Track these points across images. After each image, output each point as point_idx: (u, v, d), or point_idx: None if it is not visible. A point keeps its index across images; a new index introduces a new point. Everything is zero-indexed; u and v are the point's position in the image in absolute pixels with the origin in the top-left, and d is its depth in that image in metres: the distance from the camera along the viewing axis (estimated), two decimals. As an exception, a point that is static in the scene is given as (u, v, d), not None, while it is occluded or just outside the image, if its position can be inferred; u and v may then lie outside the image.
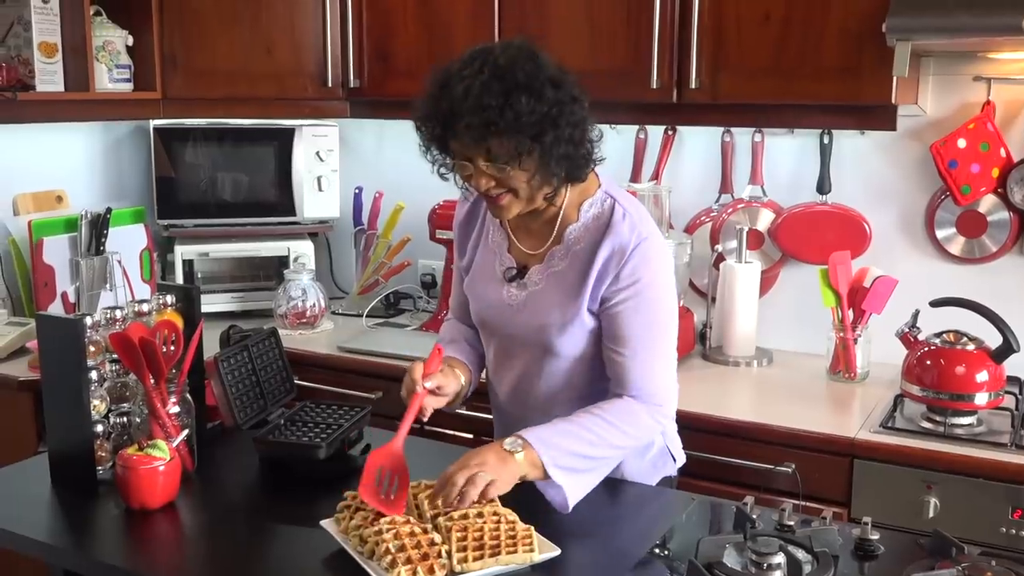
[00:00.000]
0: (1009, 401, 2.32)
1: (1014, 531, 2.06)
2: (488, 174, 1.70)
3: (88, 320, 1.82)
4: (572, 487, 1.69)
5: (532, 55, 1.68)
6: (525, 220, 1.84)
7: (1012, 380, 2.38)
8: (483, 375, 2.04)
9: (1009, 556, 1.55)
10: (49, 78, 2.77)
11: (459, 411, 2.03)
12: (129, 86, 2.99)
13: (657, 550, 1.62)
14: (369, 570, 1.47)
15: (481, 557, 1.48)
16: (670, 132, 2.92)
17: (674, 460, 2.00)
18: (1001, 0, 2.11)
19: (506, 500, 1.63)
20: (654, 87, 2.54)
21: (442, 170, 1.80)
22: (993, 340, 2.26)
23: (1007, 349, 2.23)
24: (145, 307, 1.92)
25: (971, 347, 2.27)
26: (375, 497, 1.61)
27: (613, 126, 2.90)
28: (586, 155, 1.75)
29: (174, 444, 1.78)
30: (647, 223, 1.80)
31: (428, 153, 1.78)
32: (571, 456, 1.69)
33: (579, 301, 1.79)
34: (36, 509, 1.78)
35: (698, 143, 2.93)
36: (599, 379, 1.84)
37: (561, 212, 1.82)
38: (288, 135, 3.20)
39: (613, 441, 1.74)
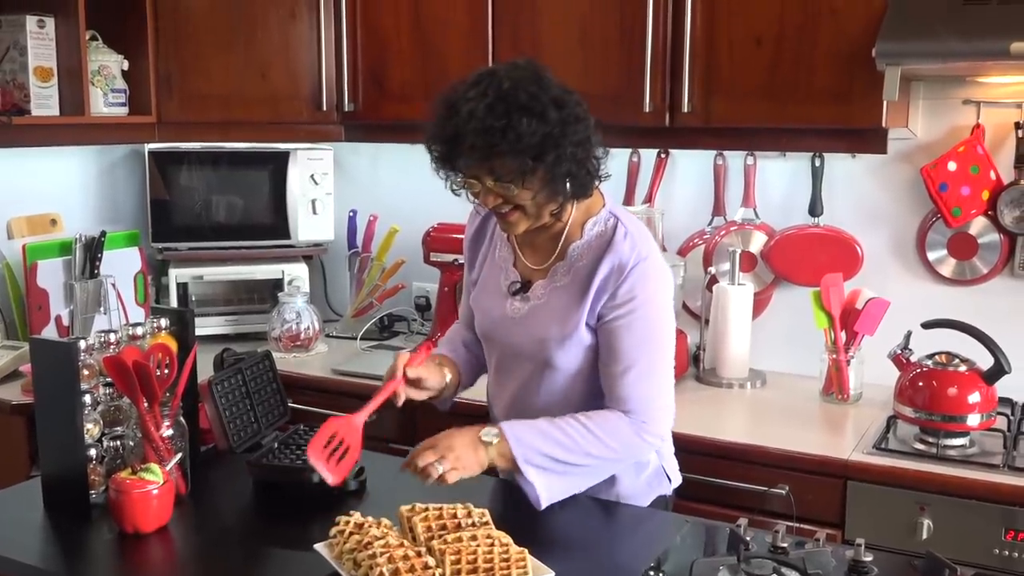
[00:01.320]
0: (1001, 422, 2.33)
1: (1007, 552, 2.06)
2: (495, 192, 1.75)
3: (82, 344, 1.82)
4: (544, 486, 1.76)
5: (536, 77, 1.74)
6: (531, 236, 1.89)
7: (1004, 401, 2.39)
8: (486, 387, 2.08)
9: (1002, 578, 1.55)
10: (44, 102, 2.79)
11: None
12: (124, 110, 3.00)
13: (651, 572, 1.61)
14: (363, 594, 1.46)
15: (475, 580, 1.48)
16: (663, 155, 2.94)
17: (669, 480, 2.01)
18: (989, 25, 2.14)
19: (500, 523, 1.64)
20: (647, 111, 2.56)
21: (454, 187, 1.84)
22: (985, 361, 2.27)
23: (999, 370, 2.24)
24: (139, 330, 1.92)
25: (963, 368, 2.28)
26: (321, 457, 1.65)
27: (606, 149, 2.92)
28: (591, 172, 1.80)
29: (167, 468, 1.77)
30: (648, 243, 1.84)
31: (439, 172, 1.83)
32: (543, 457, 1.75)
33: (578, 316, 1.82)
34: (29, 533, 1.77)
35: (691, 166, 2.94)
36: (596, 395, 1.87)
37: (566, 229, 1.87)
38: (283, 159, 3.22)
39: (590, 450, 1.78)
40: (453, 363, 2.00)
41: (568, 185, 1.77)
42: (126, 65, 2.99)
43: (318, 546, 1.61)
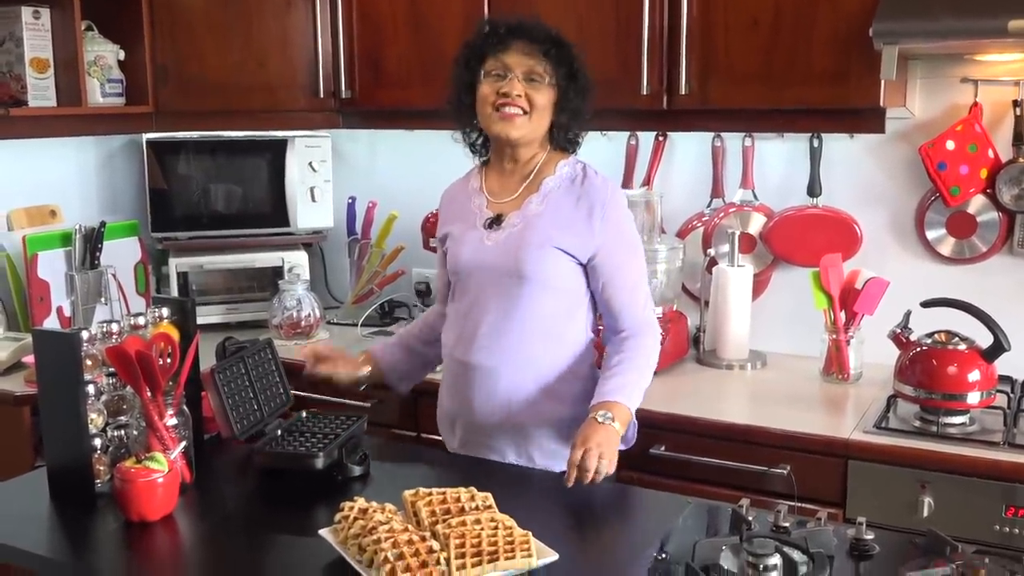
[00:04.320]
0: (1001, 400, 2.34)
1: (1008, 529, 2.07)
2: (522, 84, 2.00)
3: (84, 334, 1.83)
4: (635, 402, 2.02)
5: None
6: (503, 178, 2.12)
7: (1004, 379, 2.40)
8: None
9: (1003, 554, 1.56)
10: (41, 93, 2.79)
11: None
12: (121, 100, 3.00)
13: (654, 553, 1.62)
14: (368, 578, 1.47)
15: (479, 564, 1.49)
16: (661, 138, 2.94)
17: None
18: (986, 3, 2.13)
19: (503, 507, 1.65)
20: (644, 94, 2.55)
21: (468, 76, 2.07)
22: (984, 339, 2.27)
23: (998, 348, 2.25)
24: (141, 320, 1.93)
25: (962, 347, 2.28)
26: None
27: (604, 133, 2.92)
28: (578, 131, 2.11)
29: (172, 456, 1.78)
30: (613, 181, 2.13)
31: (467, 61, 2.07)
32: (637, 395, 2.01)
33: (555, 233, 2.02)
34: (35, 523, 1.78)
35: (689, 148, 2.94)
36: (569, 319, 2.08)
37: (538, 166, 2.10)
38: (281, 146, 3.21)
39: (644, 370, 2.06)
40: (376, 357, 2.28)
41: (558, 130, 2.06)
42: (122, 55, 2.98)
43: (323, 532, 1.62)
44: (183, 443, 1.85)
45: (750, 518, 1.63)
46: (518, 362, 2.04)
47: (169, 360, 1.85)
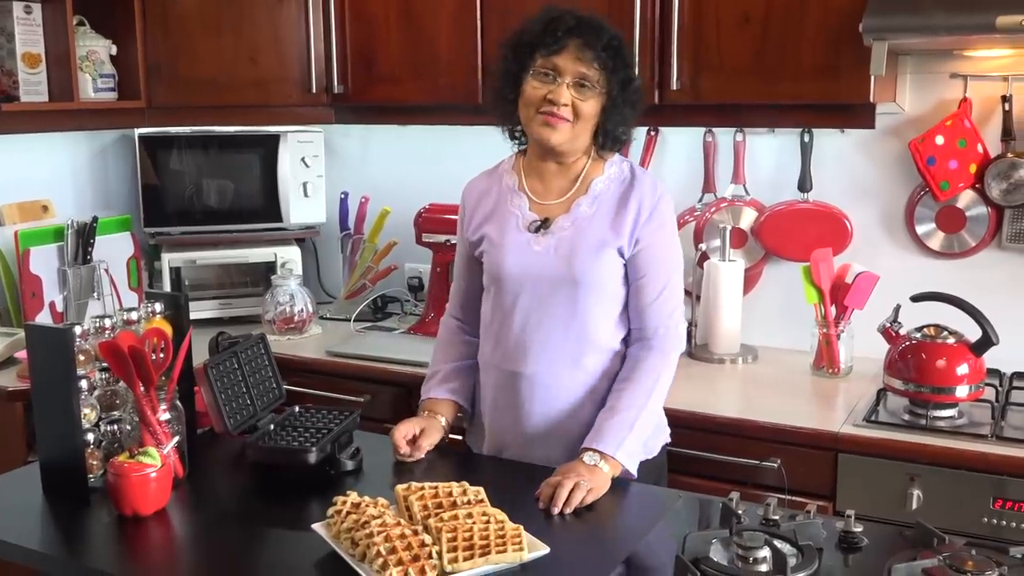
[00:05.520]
0: (989, 393, 2.35)
1: (996, 521, 2.09)
2: (571, 91, 1.90)
3: (77, 329, 1.83)
4: (636, 455, 1.93)
5: None
6: (547, 179, 2.04)
7: (992, 372, 2.42)
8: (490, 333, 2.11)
9: (991, 546, 1.57)
10: (33, 88, 2.78)
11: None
12: (113, 95, 3.00)
13: (645, 546, 1.64)
14: (361, 572, 1.48)
15: (471, 557, 1.50)
16: (653, 133, 2.95)
17: (667, 427, 2.14)
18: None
19: (495, 501, 1.66)
20: (636, 89, 2.56)
21: (517, 66, 1.96)
22: (973, 333, 2.29)
23: (986, 342, 2.26)
24: (134, 315, 1.93)
25: (951, 340, 2.30)
26: None
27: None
28: (624, 132, 2.01)
29: (165, 451, 1.79)
30: (662, 184, 2.06)
31: (513, 61, 1.97)
32: (635, 442, 1.91)
33: (609, 235, 1.96)
34: (28, 518, 1.78)
35: (680, 143, 2.95)
36: (620, 324, 2.02)
37: (586, 168, 2.02)
38: (273, 141, 3.22)
39: (649, 403, 1.95)
40: (451, 403, 2.09)
41: (602, 135, 1.97)
42: (114, 50, 2.98)
43: (316, 526, 1.63)
44: (176, 438, 1.85)
45: (740, 511, 1.65)
46: (572, 370, 1.99)
47: (162, 355, 1.86)
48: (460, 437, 2.22)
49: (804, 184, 2.78)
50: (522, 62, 1.94)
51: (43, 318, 2.91)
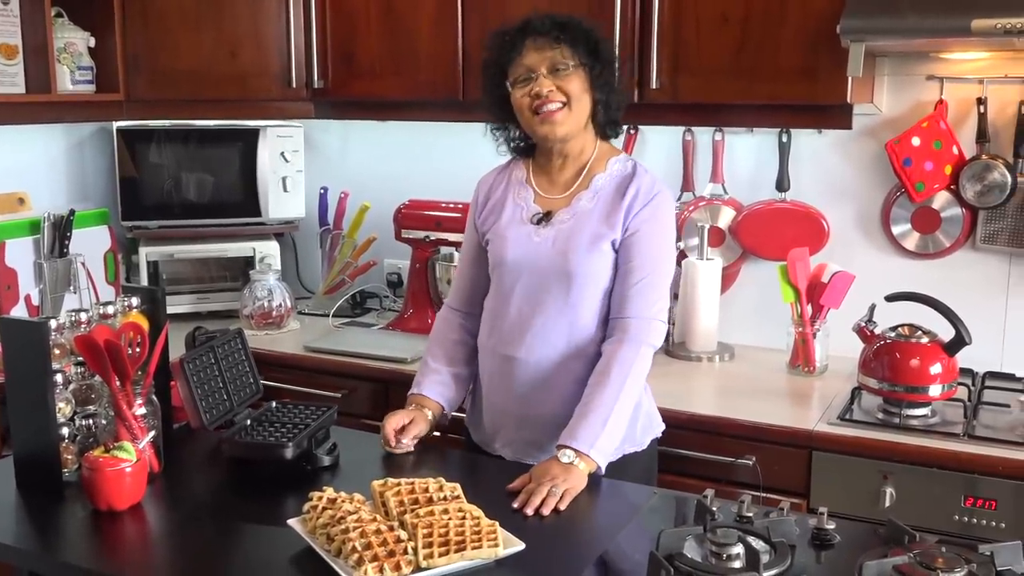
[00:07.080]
0: (962, 392, 2.38)
1: (967, 519, 2.11)
2: (549, 79, 1.96)
3: (53, 323, 1.82)
4: (610, 451, 1.93)
5: None
6: (551, 173, 2.10)
7: (965, 372, 2.44)
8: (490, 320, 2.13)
9: (961, 543, 1.59)
10: (10, 80, 2.76)
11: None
12: (92, 87, 2.98)
13: (619, 543, 1.65)
14: (337, 568, 1.48)
15: (447, 553, 1.50)
16: (632, 131, 2.96)
17: (661, 422, 2.18)
18: (951, 2, 2.17)
19: (471, 497, 1.66)
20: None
21: (499, 90, 2.04)
22: (946, 333, 2.31)
23: (959, 342, 2.28)
24: (110, 309, 1.93)
25: (925, 340, 2.32)
26: None
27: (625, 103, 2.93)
28: (618, 109, 2.07)
29: (140, 446, 1.78)
30: (662, 183, 2.09)
31: (491, 76, 2.05)
32: (608, 439, 1.90)
33: (604, 229, 2.00)
34: (2, 513, 1.78)
35: (660, 142, 2.96)
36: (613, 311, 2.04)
37: (589, 163, 2.07)
38: (252, 136, 3.20)
39: (622, 396, 1.94)
40: (440, 405, 2.13)
41: (600, 108, 2.02)
42: (93, 42, 2.96)
43: (292, 521, 1.63)
44: (152, 432, 1.85)
45: (714, 508, 1.66)
46: (564, 357, 2.03)
47: (138, 349, 1.85)
48: (438, 434, 2.22)
49: (782, 184, 2.80)
50: (501, 84, 2.02)
51: (18, 311, 2.89)
